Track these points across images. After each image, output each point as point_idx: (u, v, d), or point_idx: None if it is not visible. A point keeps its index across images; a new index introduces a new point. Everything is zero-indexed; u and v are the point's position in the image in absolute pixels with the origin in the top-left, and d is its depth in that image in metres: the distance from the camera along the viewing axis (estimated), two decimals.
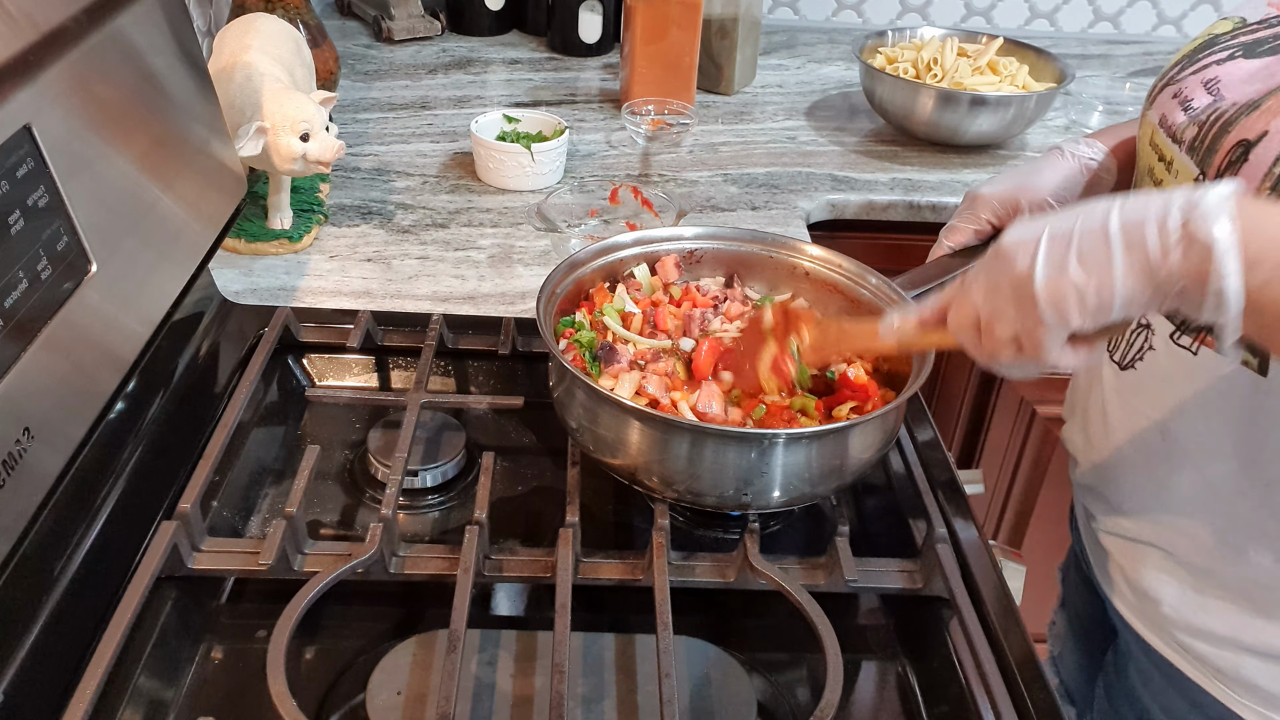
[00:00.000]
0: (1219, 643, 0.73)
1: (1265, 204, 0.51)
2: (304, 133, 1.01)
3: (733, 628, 0.75)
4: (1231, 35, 0.71)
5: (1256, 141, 0.62)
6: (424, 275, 1.11)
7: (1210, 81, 0.68)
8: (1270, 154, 0.61)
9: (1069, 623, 0.97)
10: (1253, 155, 0.61)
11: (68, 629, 0.65)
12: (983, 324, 0.59)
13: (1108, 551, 0.83)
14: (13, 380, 0.59)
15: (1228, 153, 0.64)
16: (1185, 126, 0.69)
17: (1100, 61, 1.88)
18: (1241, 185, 0.51)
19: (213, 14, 1.39)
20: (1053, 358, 0.57)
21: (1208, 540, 0.72)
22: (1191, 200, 0.50)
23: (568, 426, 0.78)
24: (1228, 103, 0.66)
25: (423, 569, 0.73)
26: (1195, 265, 0.50)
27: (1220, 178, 0.63)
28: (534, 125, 1.33)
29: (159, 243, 0.78)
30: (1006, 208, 0.86)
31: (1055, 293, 0.54)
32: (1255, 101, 0.64)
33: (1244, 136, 0.63)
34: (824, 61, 1.81)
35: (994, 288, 0.57)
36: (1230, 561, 0.71)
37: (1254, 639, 0.71)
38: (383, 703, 0.66)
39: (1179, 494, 0.73)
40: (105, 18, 0.71)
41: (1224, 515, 0.70)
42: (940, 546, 0.74)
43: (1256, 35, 0.69)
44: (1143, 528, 0.77)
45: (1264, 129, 0.62)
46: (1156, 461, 0.75)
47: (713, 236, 0.92)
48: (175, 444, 0.82)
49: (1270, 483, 0.67)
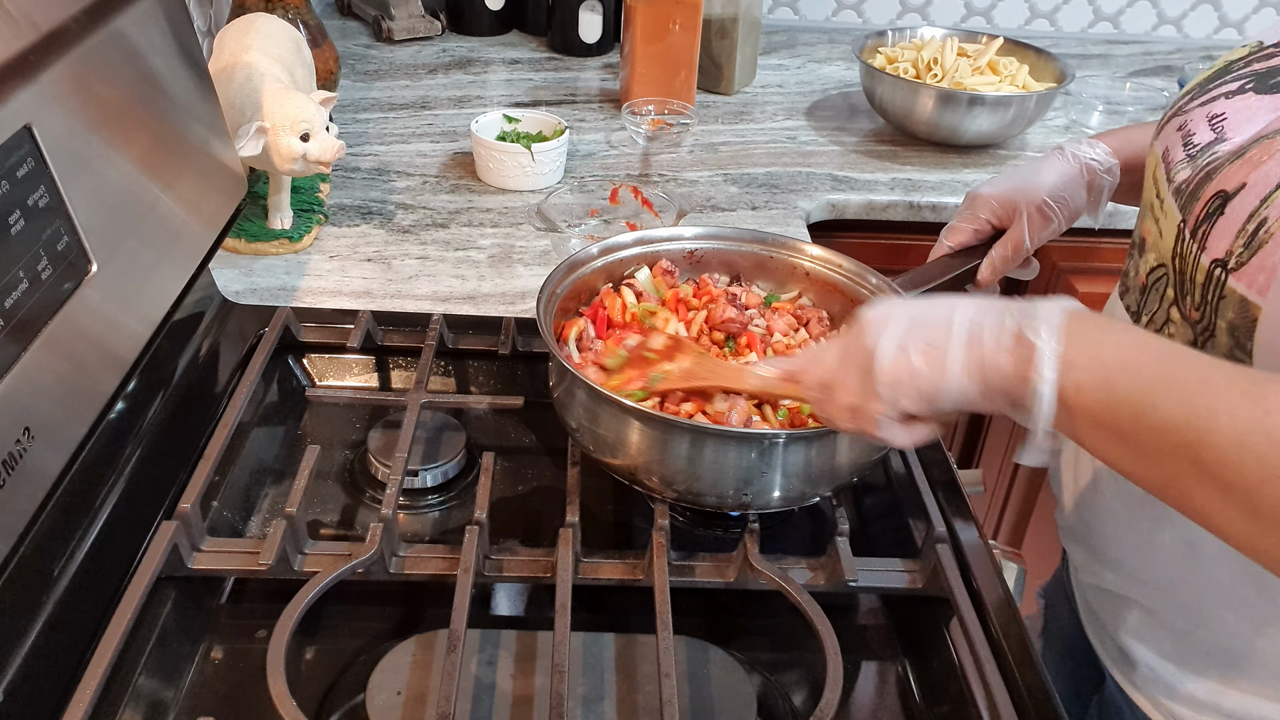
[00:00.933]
0: (1198, 707, 0.71)
1: (1095, 320, 0.54)
2: (304, 133, 1.01)
3: (733, 628, 0.75)
4: (1245, 62, 0.67)
5: (1234, 194, 0.59)
6: (424, 275, 1.11)
7: (1215, 118, 0.65)
8: (1246, 209, 0.57)
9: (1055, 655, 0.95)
10: (1229, 208, 0.59)
11: (68, 629, 0.65)
12: (830, 386, 0.62)
13: (1089, 602, 0.81)
14: (13, 380, 0.59)
15: (1206, 203, 0.61)
16: (1180, 167, 0.66)
17: (1100, 61, 1.88)
18: (1075, 304, 0.54)
19: (213, 14, 1.39)
20: (883, 433, 0.60)
21: (1188, 602, 0.70)
22: (1027, 310, 0.54)
23: (568, 426, 0.78)
24: (1226, 146, 0.63)
25: (423, 569, 0.73)
26: (1019, 366, 0.53)
27: (1200, 230, 0.61)
28: (534, 125, 1.33)
29: (159, 243, 0.78)
30: (1005, 208, 0.86)
31: (894, 375, 0.57)
32: (1242, 149, 0.61)
33: (1223, 187, 0.60)
34: (824, 61, 1.81)
35: (847, 357, 0.61)
36: (1210, 626, 0.69)
37: (1233, 705, 0.69)
38: (383, 703, 0.66)
39: (1161, 551, 0.71)
40: (105, 18, 0.71)
41: (1205, 578, 0.68)
42: (940, 547, 0.74)
43: (1271, 63, 0.65)
44: (1125, 582, 0.75)
45: (1243, 181, 0.59)
46: (1140, 515, 0.72)
47: (713, 236, 0.92)
48: (175, 444, 0.82)
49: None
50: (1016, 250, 0.86)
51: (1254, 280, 0.56)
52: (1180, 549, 0.69)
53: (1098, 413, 0.51)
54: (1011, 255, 0.86)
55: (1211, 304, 0.60)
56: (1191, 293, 0.62)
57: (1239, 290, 0.57)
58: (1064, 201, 0.84)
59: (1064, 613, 0.92)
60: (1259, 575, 0.65)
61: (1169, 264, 0.65)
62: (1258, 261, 0.56)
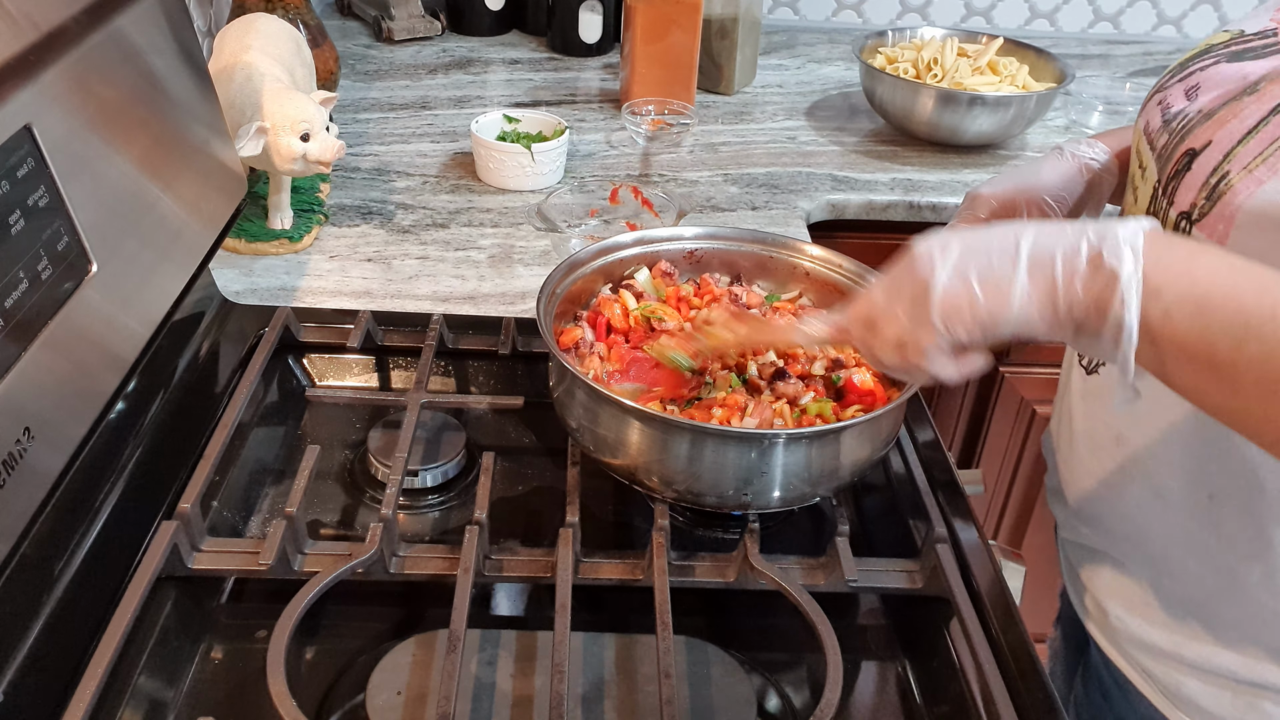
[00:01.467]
0: (1162, 658, 0.73)
1: (1175, 241, 0.51)
2: (304, 133, 1.01)
3: (733, 628, 0.75)
4: (1225, 45, 0.70)
5: (1201, 151, 0.61)
6: (424, 275, 1.11)
7: (1191, 88, 0.67)
8: (1210, 164, 0.59)
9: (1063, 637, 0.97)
10: (1195, 164, 0.60)
11: (68, 629, 0.65)
12: (876, 321, 0.59)
13: (1070, 560, 0.83)
14: (13, 380, 0.59)
15: (1176, 160, 0.63)
16: (1159, 132, 0.68)
17: (1100, 61, 1.88)
18: (1154, 223, 0.51)
19: (213, 14, 1.39)
20: (934, 366, 0.57)
21: (1154, 551, 0.72)
22: (1102, 232, 0.51)
23: (568, 426, 0.78)
24: (1195, 107, 0.65)
25: (423, 569, 0.73)
26: (1098, 294, 0.50)
27: (1169, 185, 0.62)
28: (534, 125, 1.33)
29: (159, 243, 0.78)
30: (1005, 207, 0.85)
31: (951, 303, 0.54)
32: (1212, 110, 0.63)
33: (1192, 146, 0.62)
34: (824, 61, 1.81)
35: (895, 289, 0.58)
36: (1173, 576, 0.70)
37: (1194, 656, 0.71)
38: (383, 703, 0.66)
39: (1130, 502, 0.73)
40: (105, 18, 0.71)
41: (1170, 526, 0.70)
42: (940, 547, 0.74)
43: (1248, 45, 0.68)
44: (1097, 535, 0.77)
45: (1209, 139, 0.60)
46: (1111, 468, 0.74)
47: (713, 236, 0.92)
48: (175, 444, 0.82)
49: (1212, 495, 0.67)
50: None
51: (1214, 230, 0.58)
52: (1148, 499, 0.71)
53: (1190, 343, 0.48)
54: None
55: None
56: None
57: (1200, 240, 0.59)
58: (1063, 200, 0.84)
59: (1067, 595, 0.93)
60: (1218, 522, 0.67)
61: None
62: (1217, 212, 0.58)
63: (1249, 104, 0.60)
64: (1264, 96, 0.60)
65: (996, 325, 0.54)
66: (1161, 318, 0.49)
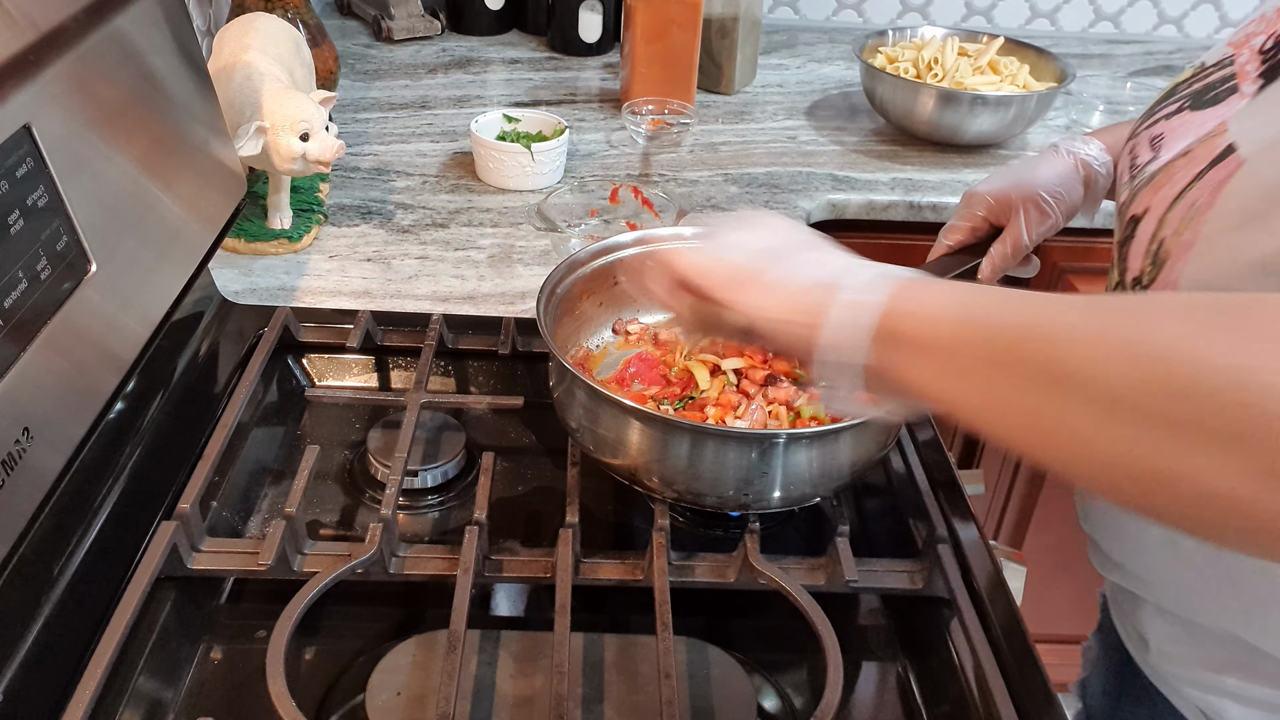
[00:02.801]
0: (1204, 687, 0.73)
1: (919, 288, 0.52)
2: (304, 132, 1.01)
3: (733, 628, 0.75)
4: (1188, 83, 0.70)
5: (1142, 217, 0.62)
6: (424, 275, 1.11)
7: (1155, 139, 0.67)
8: (1148, 230, 0.61)
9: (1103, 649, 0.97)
10: (1138, 231, 0.62)
11: (68, 629, 0.65)
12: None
13: (1112, 594, 0.83)
14: (13, 380, 0.59)
15: (1125, 227, 0.65)
16: (1123, 189, 0.69)
17: (1101, 61, 1.88)
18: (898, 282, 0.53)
19: (213, 14, 1.38)
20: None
21: (1179, 595, 0.71)
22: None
23: (568, 426, 0.78)
24: (1153, 166, 0.65)
25: (423, 569, 0.72)
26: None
27: (1122, 250, 0.64)
28: (534, 125, 1.33)
29: (159, 243, 0.78)
30: (1002, 204, 0.85)
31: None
32: (1154, 173, 0.64)
33: (1135, 211, 0.63)
34: (824, 61, 1.81)
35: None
36: (1205, 610, 0.70)
37: (1234, 686, 0.71)
38: (383, 703, 0.66)
39: (1150, 549, 0.73)
40: (105, 18, 0.71)
41: (1189, 571, 0.70)
42: (941, 547, 0.74)
43: (1208, 80, 0.67)
44: (1129, 579, 0.77)
45: (1147, 205, 0.62)
46: (1130, 516, 0.74)
47: None
48: (175, 444, 0.82)
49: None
50: (1015, 247, 0.86)
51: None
52: (1166, 545, 0.71)
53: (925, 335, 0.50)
54: (1010, 253, 0.86)
55: None
56: None
57: None
58: (1061, 197, 0.84)
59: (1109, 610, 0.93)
60: (1229, 569, 0.67)
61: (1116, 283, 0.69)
62: (1163, 278, 0.60)
63: (1180, 167, 0.61)
64: (1193, 160, 0.60)
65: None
66: (914, 324, 0.50)
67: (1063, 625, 1.47)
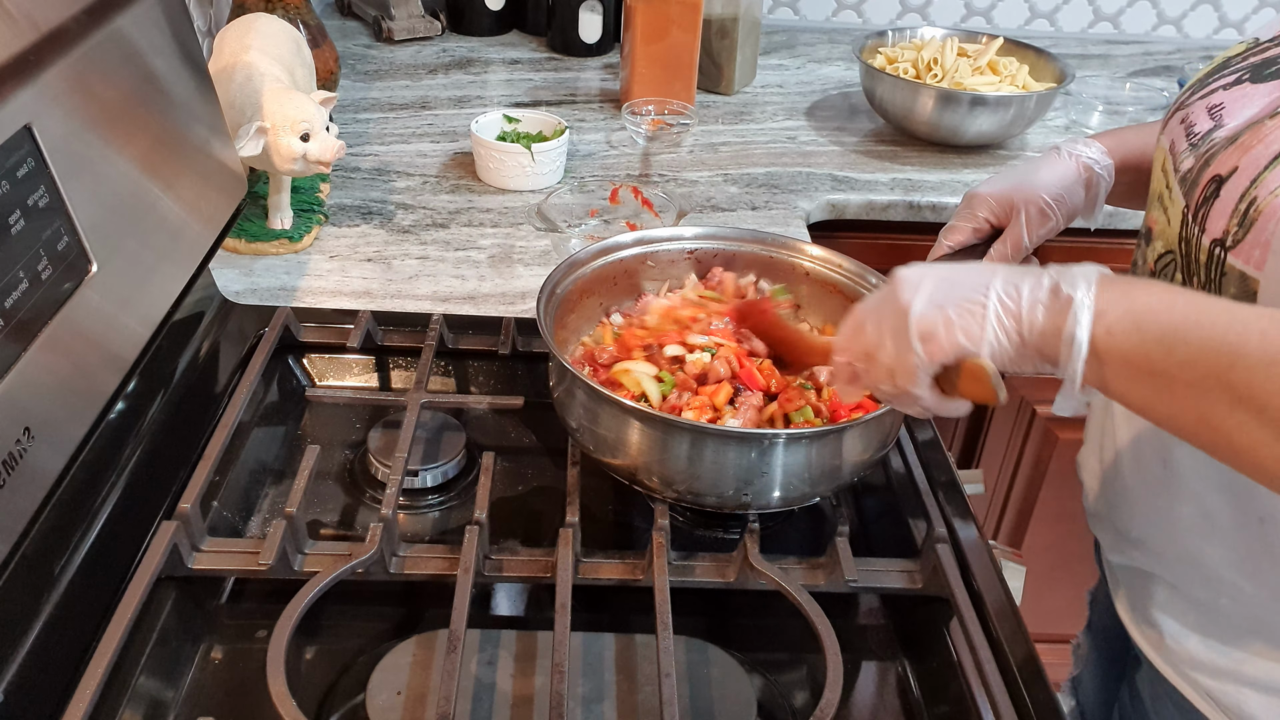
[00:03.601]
0: (1221, 676, 0.72)
1: (1120, 278, 0.55)
2: (304, 133, 1.01)
3: (733, 628, 0.75)
4: (1242, 57, 0.70)
5: (1228, 177, 0.62)
6: (424, 275, 1.11)
7: (1215, 108, 0.68)
8: (1237, 190, 0.61)
9: (1094, 646, 0.96)
10: (1223, 191, 0.62)
11: (68, 629, 0.65)
12: (871, 353, 0.62)
13: (1119, 580, 0.83)
14: (13, 380, 0.59)
15: (1204, 188, 0.64)
16: (1185, 156, 0.69)
17: (1100, 61, 1.88)
18: (1103, 270, 0.55)
19: (213, 14, 1.39)
20: (920, 391, 0.60)
21: (1209, 574, 0.71)
22: (1062, 270, 0.56)
23: (568, 426, 0.78)
24: (1222, 132, 0.66)
25: (423, 569, 0.73)
26: (1055, 316, 0.55)
27: (1200, 212, 0.64)
28: (534, 125, 1.33)
29: (159, 243, 0.78)
30: (1003, 206, 0.86)
31: (926, 327, 0.57)
32: (1236, 134, 0.64)
33: (1218, 172, 0.63)
34: (824, 61, 1.81)
35: (879, 318, 0.61)
36: (1230, 596, 0.70)
37: (1254, 673, 0.70)
38: (383, 703, 0.66)
39: (1180, 525, 0.72)
40: (105, 18, 0.71)
41: (1223, 548, 0.70)
42: (940, 547, 0.74)
43: (1266, 54, 0.68)
44: (1148, 558, 0.77)
45: (1235, 165, 0.62)
46: (1158, 491, 0.74)
47: (713, 236, 0.92)
48: (175, 444, 0.82)
49: (1264, 519, 0.66)
50: (1016, 249, 0.86)
51: (1250, 256, 0.59)
52: (1198, 522, 0.71)
53: (1129, 353, 0.52)
54: (1011, 254, 0.86)
55: (1215, 282, 0.62)
56: (1197, 273, 0.65)
57: (1238, 266, 0.60)
58: (1062, 199, 0.84)
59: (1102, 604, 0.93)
60: (1270, 545, 0.67)
61: (1176, 249, 0.68)
62: (1252, 238, 0.59)
63: (1271, 128, 0.61)
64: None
65: (969, 349, 0.57)
66: (1105, 334, 0.53)
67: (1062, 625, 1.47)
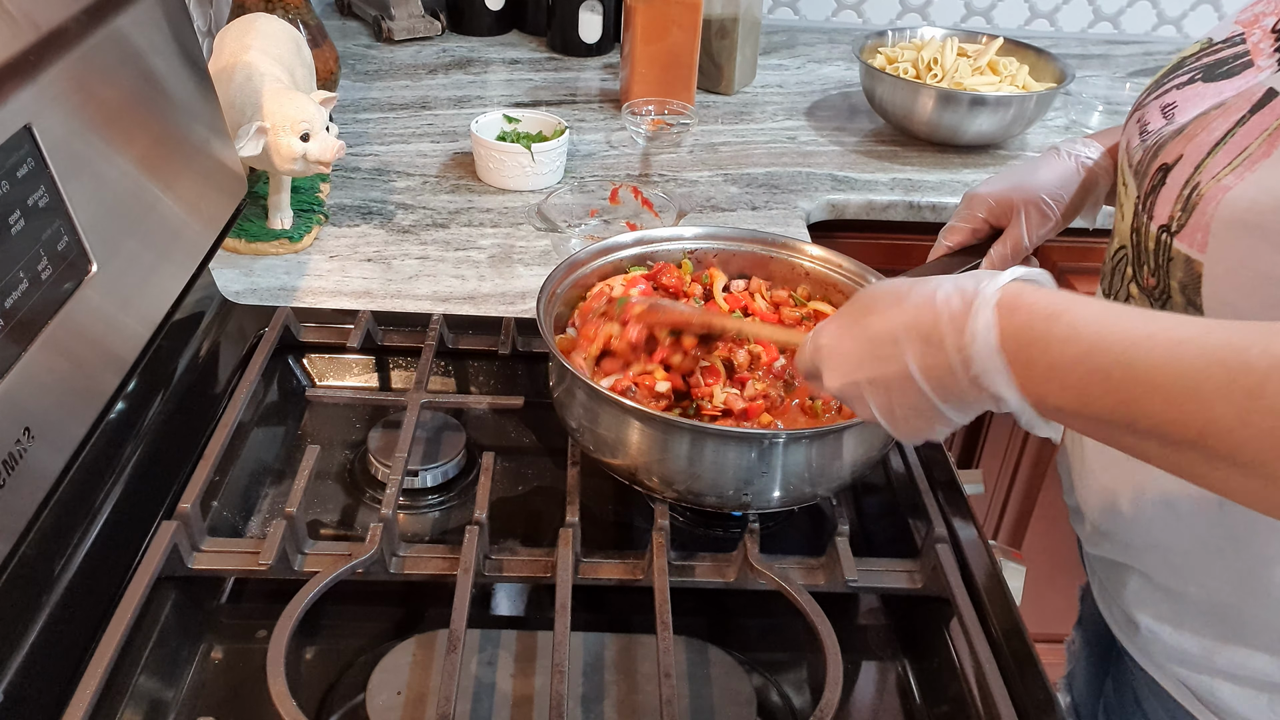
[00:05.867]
0: (1194, 665, 0.73)
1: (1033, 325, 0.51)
2: (304, 133, 1.02)
3: (733, 628, 0.75)
4: (1196, 58, 0.71)
5: (1174, 165, 0.64)
6: (424, 275, 1.11)
7: (1168, 106, 0.70)
8: (1181, 177, 0.63)
9: (1085, 642, 0.97)
10: (1169, 179, 0.64)
11: (68, 629, 0.65)
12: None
13: (1095, 572, 0.83)
14: (13, 380, 0.59)
15: (1151, 177, 0.66)
16: (1136, 150, 0.71)
17: (1100, 61, 1.88)
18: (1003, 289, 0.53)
19: (213, 14, 1.39)
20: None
21: (1175, 561, 0.72)
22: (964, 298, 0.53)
23: (568, 426, 0.78)
24: (1171, 127, 0.67)
25: (423, 569, 0.73)
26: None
27: (1148, 201, 0.66)
28: (534, 125, 1.33)
29: (159, 243, 0.78)
30: (1002, 206, 0.86)
31: (848, 400, 0.60)
32: (1183, 126, 0.66)
33: (1164, 161, 0.65)
34: (824, 61, 1.81)
35: (812, 375, 0.62)
36: (1197, 584, 0.71)
37: (1225, 662, 0.71)
38: (383, 703, 0.66)
39: (1146, 515, 0.73)
40: (105, 18, 0.71)
41: (1187, 536, 0.70)
42: (940, 547, 0.74)
43: (1218, 55, 0.69)
44: (1118, 548, 0.77)
45: (1180, 153, 0.64)
46: (1124, 481, 0.74)
47: (713, 236, 0.92)
48: (175, 444, 0.82)
49: (1222, 501, 0.67)
50: (1015, 249, 0.86)
51: (1193, 239, 0.61)
52: (1161, 511, 0.71)
53: (1081, 425, 0.51)
54: (1010, 254, 0.86)
55: (1164, 268, 0.64)
56: (1147, 261, 0.67)
57: (1183, 250, 0.62)
58: (1061, 199, 0.84)
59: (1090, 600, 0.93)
60: (1230, 529, 0.67)
61: (1128, 241, 0.70)
62: (1194, 221, 0.61)
63: (1216, 117, 0.63)
64: (1229, 110, 0.63)
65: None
66: (1049, 409, 0.51)
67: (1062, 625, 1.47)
